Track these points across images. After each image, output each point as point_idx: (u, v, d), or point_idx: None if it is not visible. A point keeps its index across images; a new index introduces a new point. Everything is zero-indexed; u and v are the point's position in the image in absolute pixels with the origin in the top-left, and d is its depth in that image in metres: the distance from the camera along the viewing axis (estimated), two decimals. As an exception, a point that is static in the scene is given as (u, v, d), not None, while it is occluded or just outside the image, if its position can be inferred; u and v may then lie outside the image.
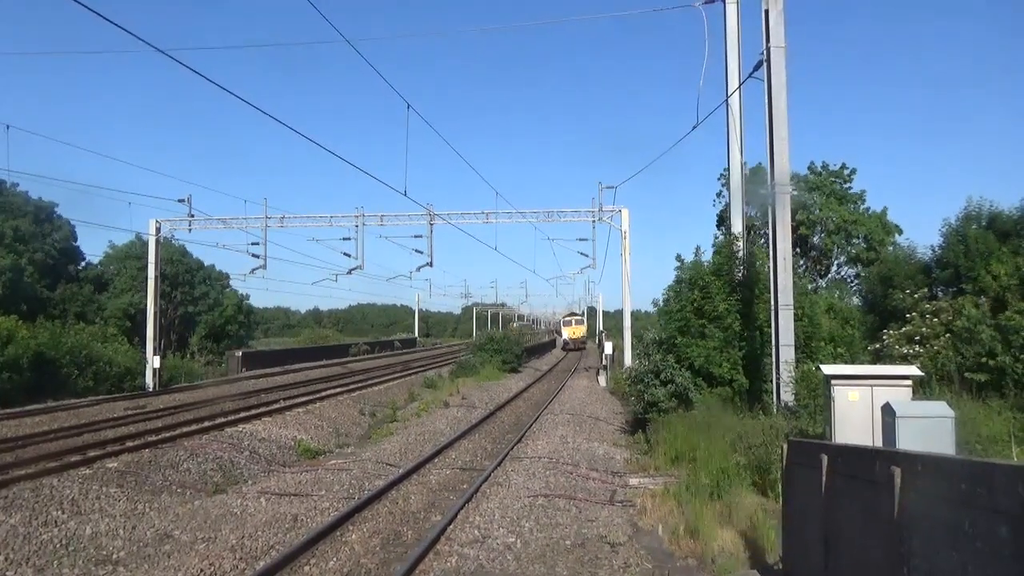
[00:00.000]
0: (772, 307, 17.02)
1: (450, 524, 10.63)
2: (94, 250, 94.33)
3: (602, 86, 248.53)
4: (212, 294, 56.96)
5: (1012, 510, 3.36)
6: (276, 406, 23.76)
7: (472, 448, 18.14)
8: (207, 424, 19.73)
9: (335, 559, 9.24)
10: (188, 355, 48.78)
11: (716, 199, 39.67)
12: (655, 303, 26.08)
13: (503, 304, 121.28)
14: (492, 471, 14.47)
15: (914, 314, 21.90)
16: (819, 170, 39.01)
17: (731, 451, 13.48)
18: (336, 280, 42.73)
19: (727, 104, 21.53)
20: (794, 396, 15.91)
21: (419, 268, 38.40)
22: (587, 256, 38.59)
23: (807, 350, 18.69)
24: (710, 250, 23.15)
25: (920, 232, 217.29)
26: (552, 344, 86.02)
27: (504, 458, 15.91)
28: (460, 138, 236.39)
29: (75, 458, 14.68)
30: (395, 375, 40.01)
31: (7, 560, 9.05)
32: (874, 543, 5.04)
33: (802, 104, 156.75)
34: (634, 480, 14.28)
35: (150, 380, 33.46)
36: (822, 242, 37.73)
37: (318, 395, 27.43)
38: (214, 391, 30.50)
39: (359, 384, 33.13)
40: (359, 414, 25.00)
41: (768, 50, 17.04)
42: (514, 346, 46.38)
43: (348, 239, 36.69)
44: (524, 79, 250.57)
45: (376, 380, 35.89)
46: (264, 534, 10.17)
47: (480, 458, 16.79)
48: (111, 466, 14.27)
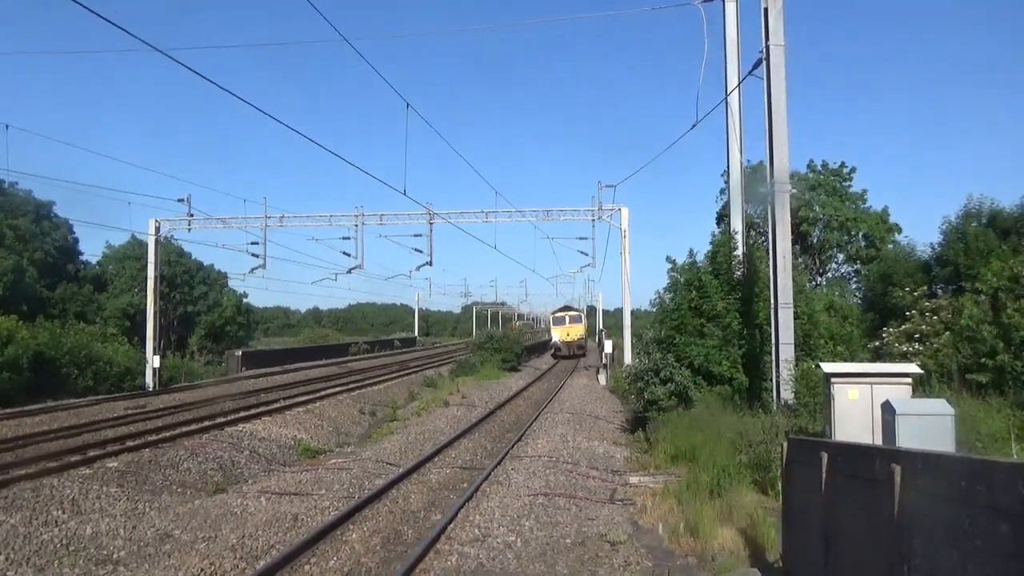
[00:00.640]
0: (772, 306, 17.00)
1: (450, 523, 10.64)
2: (94, 250, 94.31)
3: (601, 85, 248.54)
4: (211, 294, 56.97)
5: (1012, 508, 3.36)
6: (276, 405, 23.75)
7: (472, 447, 18.15)
8: (207, 424, 19.72)
9: (335, 558, 9.25)
10: (188, 355, 48.81)
11: (719, 196, 39.74)
12: (654, 303, 26.05)
13: (503, 303, 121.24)
14: (492, 470, 14.47)
15: (914, 312, 21.93)
16: (819, 168, 39.05)
17: (731, 449, 13.46)
18: (336, 279, 42.98)
19: (726, 102, 21.51)
20: (794, 394, 15.91)
21: (419, 267, 38.48)
22: (587, 255, 38.65)
23: (806, 348, 18.69)
24: (708, 248, 23.17)
25: (920, 232, 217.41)
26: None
27: (504, 457, 15.91)
28: (460, 137, 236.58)
29: (75, 458, 14.67)
30: (395, 374, 39.99)
31: (7, 560, 9.04)
32: (874, 541, 5.04)
33: (802, 103, 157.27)
34: (634, 479, 14.28)
35: (150, 380, 33.48)
36: (822, 238, 37.74)
37: (318, 394, 27.40)
38: (214, 391, 30.48)
39: (359, 383, 33.10)
40: (359, 413, 25.00)
41: (767, 48, 17.02)
42: (514, 345, 46.41)
43: (348, 238, 36.83)
44: (524, 79, 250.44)
45: (376, 379, 35.86)
46: (264, 533, 10.17)
47: (480, 457, 16.80)
48: (111, 466, 14.26)
